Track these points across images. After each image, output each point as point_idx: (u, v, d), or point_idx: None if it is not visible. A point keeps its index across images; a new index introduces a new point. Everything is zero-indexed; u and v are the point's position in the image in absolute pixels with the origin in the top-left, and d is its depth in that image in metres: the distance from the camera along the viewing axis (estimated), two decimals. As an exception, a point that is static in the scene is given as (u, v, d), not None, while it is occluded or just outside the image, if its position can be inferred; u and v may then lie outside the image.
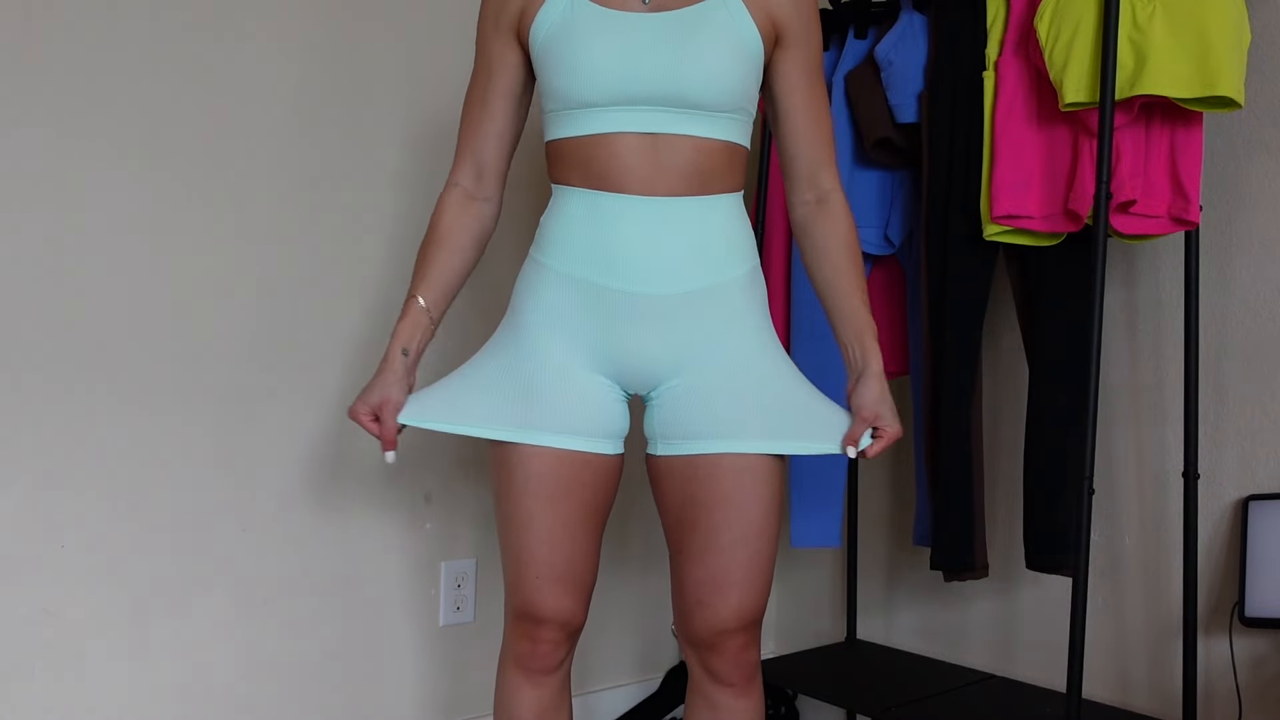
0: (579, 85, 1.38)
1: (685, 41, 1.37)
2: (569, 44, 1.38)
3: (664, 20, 1.38)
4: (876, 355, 1.45)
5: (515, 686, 1.49)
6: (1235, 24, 1.67)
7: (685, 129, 1.39)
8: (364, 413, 1.44)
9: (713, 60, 1.38)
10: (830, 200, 1.49)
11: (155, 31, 1.80)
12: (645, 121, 1.39)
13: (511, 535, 1.45)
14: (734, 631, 1.45)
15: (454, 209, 1.51)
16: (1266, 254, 1.88)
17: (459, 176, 1.52)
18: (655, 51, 1.37)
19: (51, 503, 1.73)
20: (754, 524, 1.43)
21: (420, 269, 1.49)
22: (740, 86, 1.40)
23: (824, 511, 2.16)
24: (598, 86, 1.37)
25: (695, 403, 1.43)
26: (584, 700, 2.30)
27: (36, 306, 1.71)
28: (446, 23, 2.11)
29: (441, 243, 1.49)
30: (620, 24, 1.38)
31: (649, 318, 1.41)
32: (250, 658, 1.92)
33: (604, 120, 1.39)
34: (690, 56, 1.37)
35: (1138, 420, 2.03)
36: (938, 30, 1.97)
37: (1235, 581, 1.89)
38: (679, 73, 1.36)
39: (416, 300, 1.47)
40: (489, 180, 1.52)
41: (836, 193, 1.50)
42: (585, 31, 1.38)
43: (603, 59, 1.37)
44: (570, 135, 1.42)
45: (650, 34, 1.38)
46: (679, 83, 1.37)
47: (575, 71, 1.38)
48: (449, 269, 1.50)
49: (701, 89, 1.37)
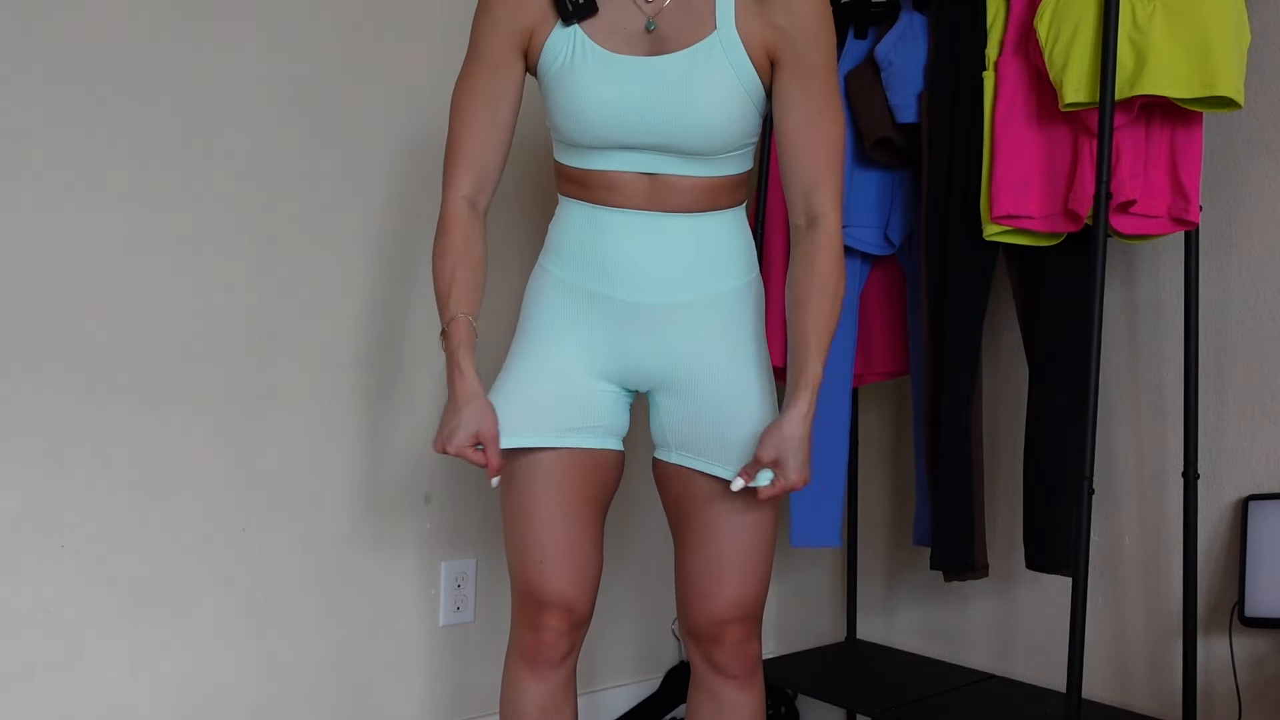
0: (579, 132, 1.40)
1: (684, 95, 1.37)
2: (570, 90, 1.39)
3: (664, 66, 1.37)
4: (806, 398, 1.37)
5: (520, 680, 1.51)
6: (1235, 24, 1.67)
7: (684, 170, 1.41)
8: (467, 444, 1.39)
9: (712, 114, 1.38)
10: (819, 226, 1.42)
11: (153, 31, 1.80)
12: (645, 163, 1.41)
13: (515, 524, 1.48)
14: (733, 622, 1.48)
15: (465, 223, 1.45)
16: (1266, 254, 1.88)
17: (462, 186, 1.46)
18: (655, 105, 1.37)
19: (51, 503, 1.73)
20: (750, 515, 1.46)
21: (453, 289, 1.43)
22: (739, 130, 1.41)
23: (824, 511, 2.16)
24: (597, 136, 1.39)
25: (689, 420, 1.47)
26: (585, 700, 2.30)
27: (36, 307, 1.71)
28: (444, 23, 2.11)
29: (462, 259, 1.44)
30: (621, 72, 1.37)
31: (644, 325, 1.45)
32: (250, 658, 1.92)
33: (604, 160, 1.42)
34: (689, 112, 1.37)
35: (1138, 420, 2.03)
36: (938, 30, 1.97)
37: (1235, 581, 1.89)
38: (678, 128, 1.38)
39: (467, 319, 1.42)
40: (488, 188, 1.49)
41: (828, 218, 1.42)
42: (586, 79, 1.38)
43: (602, 111, 1.37)
44: (572, 165, 1.45)
45: (650, 84, 1.37)
46: (679, 137, 1.38)
47: (576, 121, 1.39)
48: (476, 284, 1.45)
49: (701, 141, 1.39)
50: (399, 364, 2.07)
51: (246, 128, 1.90)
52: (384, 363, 2.06)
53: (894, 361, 2.20)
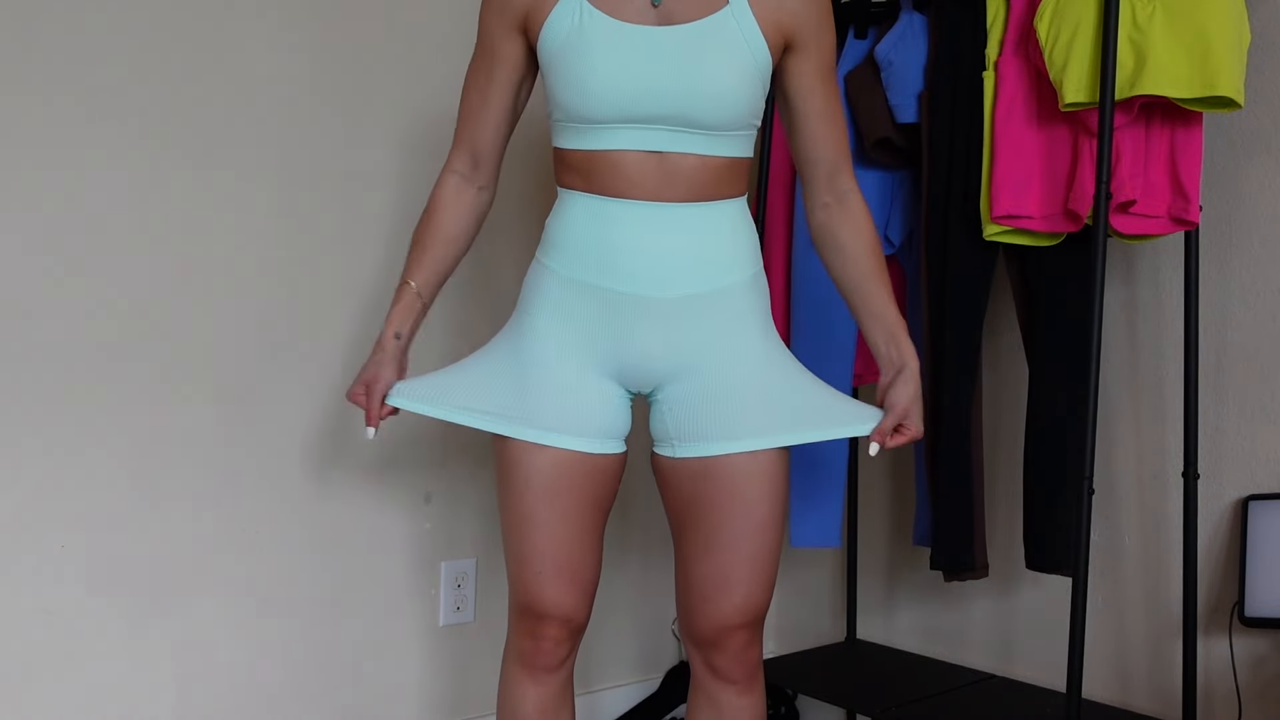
0: (586, 104, 1.38)
1: (695, 62, 1.36)
2: (577, 60, 1.38)
3: (673, 36, 1.37)
4: (913, 353, 1.46)
5: (518, 684, 1.50)
6: (1235, 24, 1.67)
7: (691, 148, 1.40)
8: (356, 390, 1.47)
9: (722, 82, 1.37)
10: (849, 200, 1.50)
11: (155, 30, 1.80)
12: (652, 140, 1.39)
13: (514, 531, 1.46)
14: (737, 628, 1.46)
15: (450, 196, 1.53)
16: (1266, 254, 1.88)
17: (455, 164, 1.53)
18: (664, 72, 1.36)
19: (51, 503, 1.73)
20: (758, 521, 1.44)
21: (415, 255, 1.52)
22: (748, 105, 1.40)
23: (824, 511, 2.16)
24: (605, 107, 1.37)
25: (702, 405, 1.43)
26: (585, 700, 2.30)
27: (36, 307, 1.71)
28: (445, 22, 2.11)
29: (436, 231, 1.52)
30: (629, 40, 1.37)
31: (650, 320, 1.42)
32: (250, 658, 1.92)
33: (610, 138, 1.40)
34: (700, 78, 1.36)
35: (1138, 420, 2.03)
36: (938, 30, 1.97)
37: (1235, 581, 1.89)
38: (688, 95, 1.36)
39: (409, 285, 1.50)
40: (485, 167, 1.54)
41: (855, 193, 1.51)
42: (594, 48, 1.37)
43: (610, 79, 1.36)
44: (575, 148, 1.43)
45: (660, 52, 1.37)
46: (688, 105, 1.37)
47: (583, 91, 1.37)
48: (442, 256, 1.53)
49: (710, 111, 1.38)
50: (399, 364, 2.07)
51: (249, 126, 1.90)
52: (384, 363, 2.06)
53: (894, 361, 2.20)
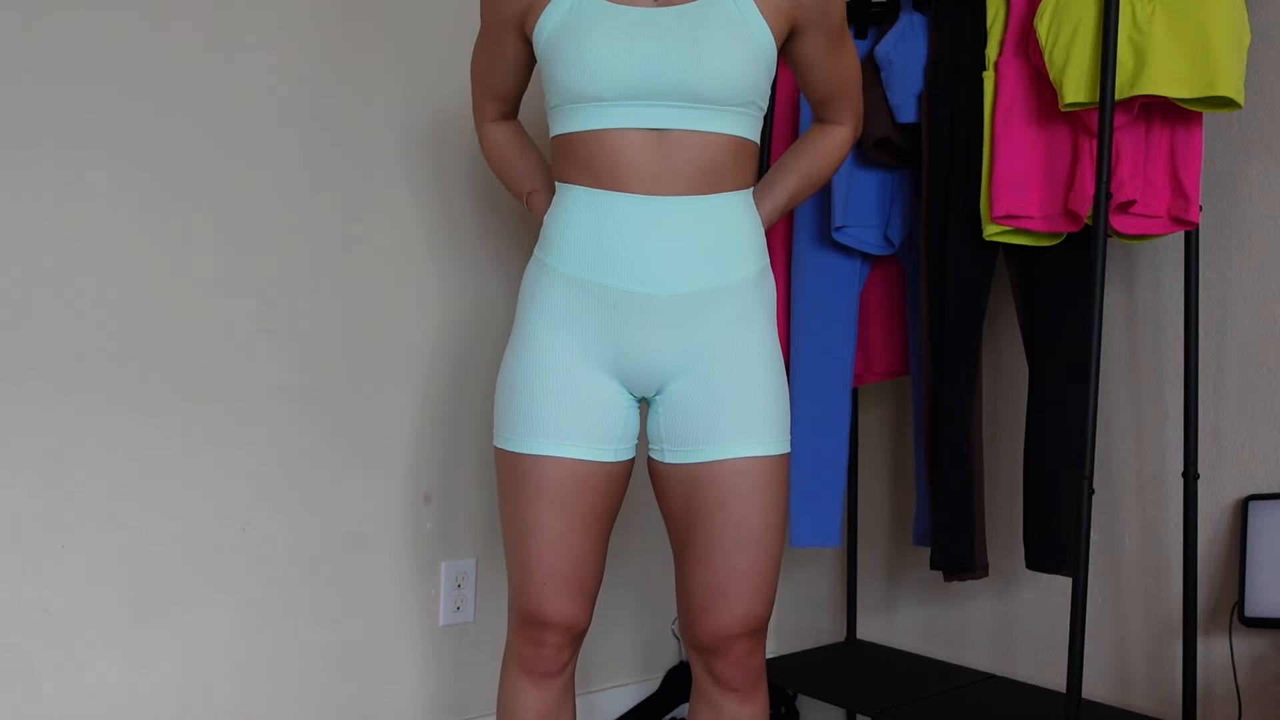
0: (586, 80, 1.36)
1: (694, 36, 1.36)
2: (576, 39, 1.37)
3: (671, 15, 1.37)
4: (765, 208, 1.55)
5: (518, 688, 1.48)
6: (1235, 24, 1.67)
7: (693, 124, 1.37)
8: None
9: (722, 54, 1.36)
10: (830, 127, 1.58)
11: (154, 31, 1.80)
12: (653, 117, 1.37)
13: (518, 540, 1.43)
14: (739, 637, 1.44)
15: (503, 133, 1.61)
16: (1266, 254, 1.88)
17: (486, 112, 1.61)
18: (663, 46, 1.36)
19: (51, 503, 1.73)
20: (756, 529, 1.41)
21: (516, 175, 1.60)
22: (750, 81, 1.39)
23: (824, 511, 2.16)
24: (605, 81, 1.36)
25: (697, 410, 1.41)
26: (584, 700, 2.30)
27: (36, 307, 1.71)
28: (446, 22, 2.11)
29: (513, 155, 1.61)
30: (627, 19, 1.37)
31: (654, 318, 1.39)
32: (250, 658, 1.92)
33: (610, 115, 1.37)
34: (699, 50, 1.35)
35: (1138, 420, 2.03)
36: (938, 30, 1.97)
37: (1235, 581, 1.89)
38: (688, 66, 1.35)
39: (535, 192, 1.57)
40: (511, 105, 1.61)
41: (844, 126, 1.58)
42: (592, 27, 1.37)
43: (610, 53, 1.35)
44: (575, 130, 1.40)
45: (658, 29, 1.37)
46: (688, 76, 1.35)
47: (582, 66, 1.36)
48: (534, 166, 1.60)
49: (711, 82, 1.36)
50: (399, 363, 2.07)
51: (247, 127, 1.90)
52: (383, 362, 2.06)
53: (894, 361, 2.20)
